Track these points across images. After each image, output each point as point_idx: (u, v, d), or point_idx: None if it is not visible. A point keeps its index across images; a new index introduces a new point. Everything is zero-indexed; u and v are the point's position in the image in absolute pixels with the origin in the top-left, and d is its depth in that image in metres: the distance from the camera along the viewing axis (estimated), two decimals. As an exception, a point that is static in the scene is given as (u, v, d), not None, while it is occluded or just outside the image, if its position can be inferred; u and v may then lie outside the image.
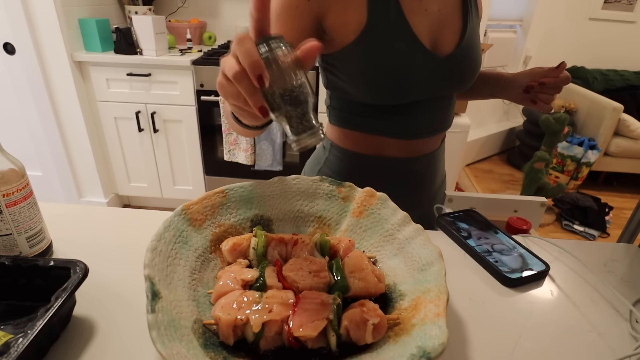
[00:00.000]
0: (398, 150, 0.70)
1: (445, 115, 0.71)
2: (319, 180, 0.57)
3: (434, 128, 0.70)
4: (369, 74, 0.60)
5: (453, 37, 0.64)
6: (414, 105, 0.66)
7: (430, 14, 0.61)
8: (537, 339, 0.45)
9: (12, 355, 0.32)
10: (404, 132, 0.68)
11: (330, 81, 0.68)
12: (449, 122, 0.73)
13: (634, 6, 3.04)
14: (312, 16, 0.58)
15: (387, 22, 0.58)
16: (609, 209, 2.41)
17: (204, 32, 2.33)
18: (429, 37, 0.62)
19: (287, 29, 0.58)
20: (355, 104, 0.67)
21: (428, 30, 0.61)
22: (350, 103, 0.68)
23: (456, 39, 0.64)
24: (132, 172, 2.20)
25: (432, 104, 0.67)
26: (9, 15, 1.76)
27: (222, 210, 0.51)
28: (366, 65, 0.60)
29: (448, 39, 0.64)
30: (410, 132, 0.69)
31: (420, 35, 0.60)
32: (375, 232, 0.52)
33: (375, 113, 0.66)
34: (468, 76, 0.67)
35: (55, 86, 1.93)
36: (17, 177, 0.47)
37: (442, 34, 0.63)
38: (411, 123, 0.68)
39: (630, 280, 0.56)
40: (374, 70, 0.60)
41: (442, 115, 0.70)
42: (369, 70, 0.60)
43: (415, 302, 0.41)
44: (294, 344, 0.38)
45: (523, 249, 0.59)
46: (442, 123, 0.71)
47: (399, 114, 0.66)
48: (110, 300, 0.46)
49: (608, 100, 2.72)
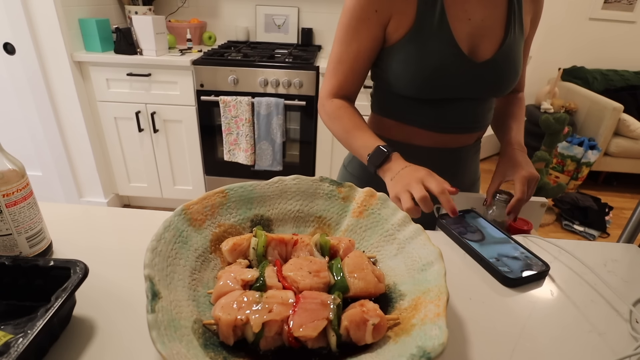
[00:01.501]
0: (427, 140, 0.75)
1: (477, 116, 0.76)
2: (319, 180, 0.57)
3: (464, 126, 0.76)
4: (410, 70, 0.68)
5: (492, 45, 0.70)
6: (446, 102, 0.72)
7: (472, 23, 0.68)
8: (537, 339, 0.45)
9: (12, 355, 0.32)
10: (434, 125, 0.75)
11: (376, 73, 0.76)
12: (482, 124, 0.78)
13: (634, 6, 3.04)
14: (381, 25, 0.68)
15: (431, 26, 0.66)
16: (609, 209, 2.41)
17: (204, 32, 2.33)
18: (468, 42, 0.68)
19: (363, 38, 0.69)
20: (394, 95, 0.75)
21: (468, 36, 0.68)
22: (390, 94, 0.76)
23: (495, 48, 0.70)
24: (132, 172, 2.20)
25: (464, 103, 0.73)
26: (9, 16, 1.76)
27: (222, 210, 0.51)
28: (408, 62, 0.68)
29: (487, 46, 0.69)
30: (439, 126, 0.75)
31: (460, 40, 0.67)
32: (375, 232, 0.52)
33: (411, 105, 0.73)
34: (501, 83, 0.72)
35: (55, 86, 1.93)
36: (17, 177, 0.47)
37: (482, 41, 0.69)
38: (441, 118, 0.74)
39: (630, 280, 0.56)
40: (415, 67, 0.67)
41: (474, 115, 0.75)
42: (410, 67, 0.68)
43: (415, 302, 0.41)
44: (294, 344, 0.38)
45: (523, 249, 0.59)
46: (474, 123, 0.76)
47: (431, 108, 0.73)
48: (110, 300, 0.46)
49: (608, 100, 2.72)
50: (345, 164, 0.89)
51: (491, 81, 0.71)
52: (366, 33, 0.68)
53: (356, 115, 0.74)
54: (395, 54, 0.69)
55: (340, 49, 0.71)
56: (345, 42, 0.70)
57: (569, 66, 3.21)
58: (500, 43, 0.70)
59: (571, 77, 3.17)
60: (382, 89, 0.78)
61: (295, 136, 2.06)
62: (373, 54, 0.72)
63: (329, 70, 0.74)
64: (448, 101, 0.72)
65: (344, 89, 0.75)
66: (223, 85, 1.92)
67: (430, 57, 0.67)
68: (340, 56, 0.72)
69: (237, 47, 2.22)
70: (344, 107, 0.74)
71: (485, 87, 0.71)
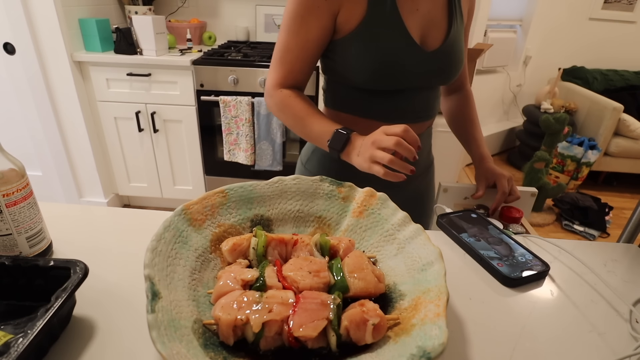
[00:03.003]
0: None
1: (428, 105, 0.78)
2: (319, 180, 0.57)
3: (417, 115, 0.77)
4: (365, 62, 0.67)
5: (439, 35, 0.72)
6: (400, 93, 0.73)
7: (420, 13, 0.69)
8: (537, 339, 0.45)
9: (12, 355, 0.32)
10: (389, 116, 0.75)
11: (328, 67, 0.75)
12: (433, 112, 0.80)
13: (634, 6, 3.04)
14: (331, 14, 0.66)
15: (383, 17, 0.66)
16: (609, 209, 2.41)
17: (204, 32, 2.33)
18: (418, 33, 0.70)
19: (312, 27, 0.67)
20: (348, 88, 0.74)
21: (418, 27, 0.69)
22: (344, 87, 0.75)
23: (442, 37, 0.72)
24: (132, 172, 2.20)
25: (417, 92, 0.74)
26: (9, 16, 1.76)
27: (222, 210, 0.51)
28: (361, 53, 0.67)
29: (435, 36, 0.71)
30: (394, 117, 0.75)
31: (411, 31, 0.68)
32: (375, 232, 0.52)
33: (365, 97, 0.73)
34: (449, 71, 0.74)
35: (55, 86, 1.93)
36: (17, 177, 0.47)
37: (430, 32, 0.71)
38: (396, 109, 0.75)
39: (630, 280, 0.56)
40: (370, 59, 0.67)
41: (425, 104, 0.77)
42: (365, 58, 0.67)
43: (415, 302, 0.41)
44: (294, 344, 0.38)
45: (523, 249, 0.59)
46: (426, 111, 0.78)
47: (386, 99, 0.73)
48: (110, 300, 0.46)
49: (608, 100, 2.72)
50: (303, 162, 0.87)
51: (441, 69, 0.73)
52: (315, 22, 0.66)
53: (307, 102, 0.72)
54: (348, 46, 0.68)
55: (287, 38, 0.69)
56: (292, 31, 0.68)
57: (569, 66, 3.21)
58: (446, 33, 0.72)
59: (571, 77, 3.17)
60: (335, 82, 0.76)
61: (295, 136, 2.06)
62: (322, 44, 0.70)
63: (275, 59, 0.72)
64: (402, 91, 0.72)
65: (292, 79, 0.73)
66: (223, 85, 1.92)
67: (385, 48, 0.67)
68: (287, 45, 0.70)
69: (237, 47, 2.22)
70: (294, 96, 0.72)
71: (435, 76, 0.73)
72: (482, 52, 1.96)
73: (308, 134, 0.71)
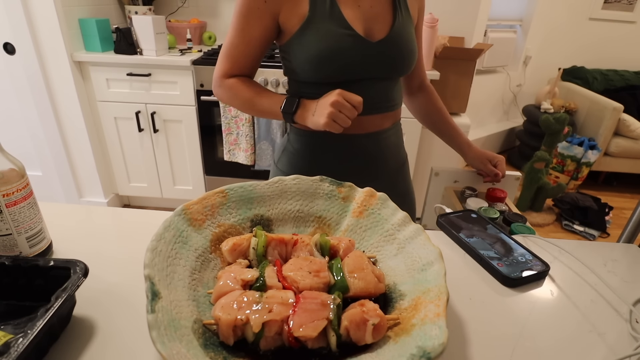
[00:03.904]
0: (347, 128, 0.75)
1: (387, 96, 0.80)
2: (319, 180, 0.57)
3: (375, 106, 0.79)
4: (310, 55, 0.71)
5: (385, 27, 0.75)
6: (356, 83, 0.75)
7: (362, 9, 0.73)
8: (537, 339, 0.45)
9: (12, 355, 0.32)
10: None
11: (287, 67, 0.79)
12: (393, 104, 0.82)
13: (634, 6, 3.04)
14: (271, 15, 0.71)
15: (324, 13, 0.71)
16: (609, 209, 2.41)
17: (204, 32, 2.33)
18: (361, 25, 0.73)
19: (254, 27, 0.72)
20: (305, 85, 0.77)
21: (360, 20, 0.73)
22: (302, 85, 0.78)
23: (387, 29, 0.75)
24: (132, 172, 2.20)
25: (370, 83, 0.77)
26: (9, 16, 1.76)
27: (222, 210, 0.51)
28: (307, 48, 0.71)
29: (380, 28, 0.75)
30: None
31: (353, 23, 0.71)
32: (375, 232, 0.52)
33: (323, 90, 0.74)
34: (401, 60, 0.77)
35: (55, 86, 1.93)
36: (17, 177, 0.47)
37: (374, 24, 0.74)
38: None
39: (630, 280, 0.56)
40: (314, 51, 0.71)
41: (382, 95, 0.79)
42: (310, 52, 0.71)
43: (415, 302, 0.41)
44: (294, 344, 0.38)
45: (523, 249, 0.59)
46: (385, 102, 0.80)
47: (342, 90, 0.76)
48: (110, 300, 0.46)
49: (608, 100, 2.72)
50: (275, 161, 0.92)
51: (390, 59, 0.75)
52: (257, 22, 0.71)
53: (255, 84, 0.78)
54: (295, 44, 0.73)
55: (234, 34, 0.74)
56: (237, 29, 0.73)
57: (569, 66, 3.21)
58: (390, 25, 0.75)
59: (571, 77, 3.17)
60: (294, 80, 0.80)
61: (295, 136, 2.06)
62: (266, 41, 0.75)
63: (223, 52, 0.77)
64: (354, 82, 0.75)
65: (238, 70, 0.78)
66: (223, 85, 1.92)
67: (327, 39, 0.70)
68: (233, 42, 0.75)
69: (237, 47, 2.22)
70: (241, 81, 0.77)
71: (385, 65, 0.75)
72: (482, 52, 1.96)
73: (261, 110, 0.77)
